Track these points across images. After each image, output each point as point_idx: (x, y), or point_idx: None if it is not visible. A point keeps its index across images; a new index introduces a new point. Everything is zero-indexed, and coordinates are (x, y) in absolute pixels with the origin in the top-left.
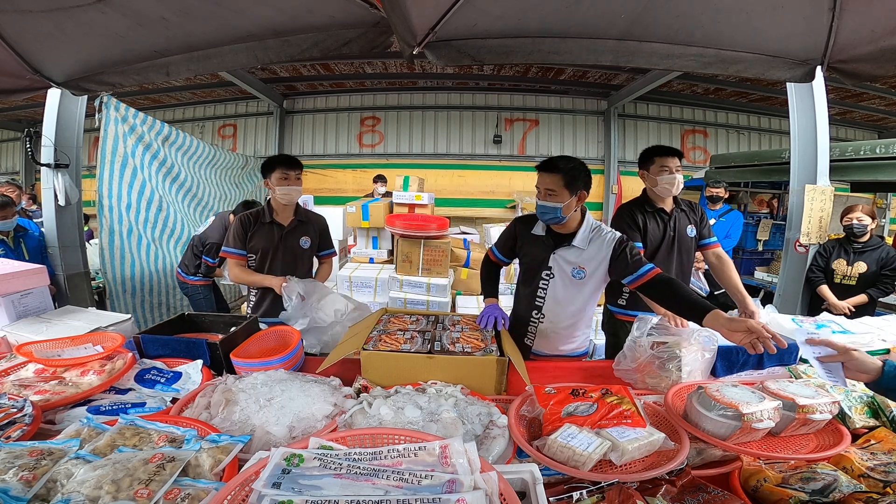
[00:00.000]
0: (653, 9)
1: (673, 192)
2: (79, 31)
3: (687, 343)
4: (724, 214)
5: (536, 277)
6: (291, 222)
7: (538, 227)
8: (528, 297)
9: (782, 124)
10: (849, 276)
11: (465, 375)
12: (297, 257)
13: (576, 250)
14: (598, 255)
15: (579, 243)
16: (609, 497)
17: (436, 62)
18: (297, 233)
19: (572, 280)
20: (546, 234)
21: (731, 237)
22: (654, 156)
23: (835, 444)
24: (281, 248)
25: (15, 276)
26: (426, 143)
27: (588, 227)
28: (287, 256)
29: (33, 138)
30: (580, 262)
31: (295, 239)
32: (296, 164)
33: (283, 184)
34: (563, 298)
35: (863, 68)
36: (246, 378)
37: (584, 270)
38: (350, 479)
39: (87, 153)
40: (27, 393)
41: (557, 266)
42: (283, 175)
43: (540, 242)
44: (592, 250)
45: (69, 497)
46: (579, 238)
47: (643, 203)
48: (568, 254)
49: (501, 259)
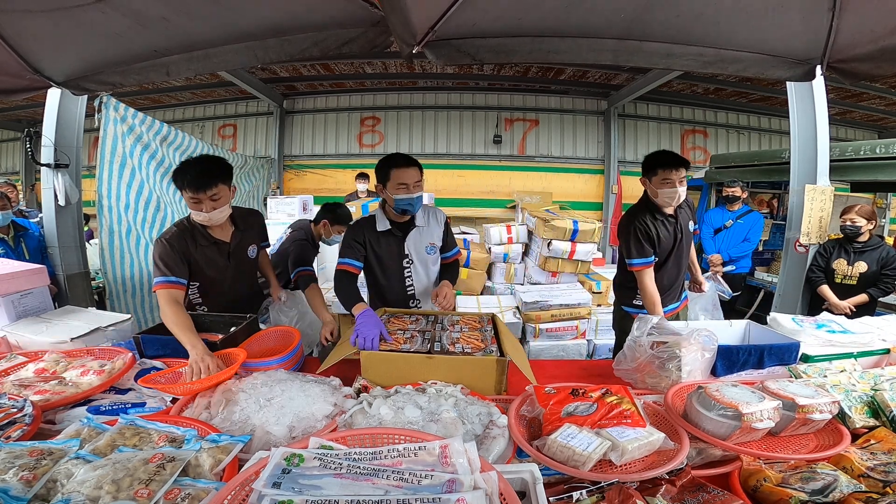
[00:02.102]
0: (653, 8)
1: (673, 205)
2: (79, 31)
3: (687, 343)
4: (743, 216)
5: (399, 269)
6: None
7: (381, 224)
8: (399, 291)
9: (782, 124)
10: (849, 276)
11: (465, 375)
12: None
13: (419, 230)
14: (437, 228)
15: (420, 221)
16: (609, 497)
17: (435, 61)
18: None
19: (427, 258)
20: (392, 226)
21: (750, 240)
22: (658, 167)
23: (835, 443)
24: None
25: (15, 276)
26: (426, 143)
27: (420, 209)
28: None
29: (33, 138)
30: (428, 240)
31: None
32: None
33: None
34: (426, 279)
35: (862, 68)
36: (246, 378)
37: (434, 245)
38: (350, 478)
39: (87, 153)
40: (27, 393)
41: (413, 250)
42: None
43: (390, 235)
44: (432, 226)
45: (69, 497)
46: (418, 218)
47: (652, 211)
48: (416, 236)
49: (357, 266)
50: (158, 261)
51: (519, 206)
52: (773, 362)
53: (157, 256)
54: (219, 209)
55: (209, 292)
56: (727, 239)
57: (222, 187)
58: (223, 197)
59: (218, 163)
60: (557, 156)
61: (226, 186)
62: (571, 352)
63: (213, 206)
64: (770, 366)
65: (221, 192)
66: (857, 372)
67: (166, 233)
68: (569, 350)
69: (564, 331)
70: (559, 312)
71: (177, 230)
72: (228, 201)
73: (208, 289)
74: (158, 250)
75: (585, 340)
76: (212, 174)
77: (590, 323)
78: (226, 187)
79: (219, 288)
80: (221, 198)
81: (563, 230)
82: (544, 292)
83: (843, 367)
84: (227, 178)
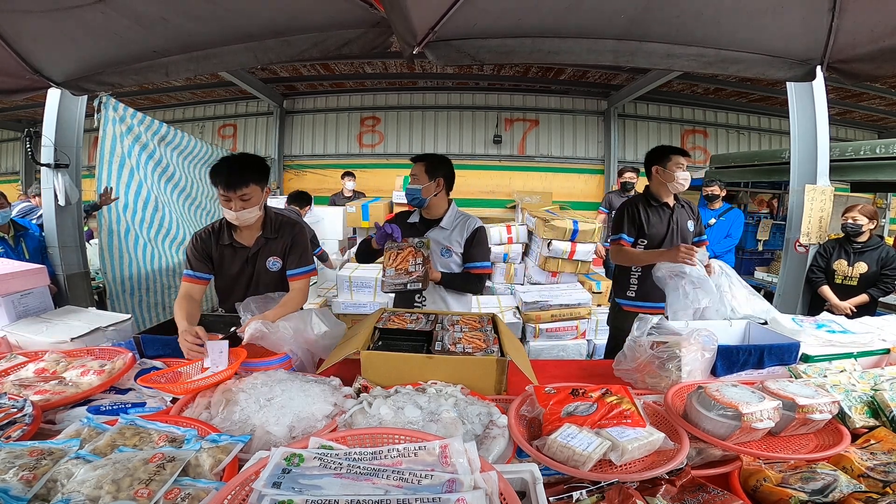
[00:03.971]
0: (653, 8)
1: (686, 186)
2: (79, 31)
3: (687, 343)
4: (724, 213)
5: None
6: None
7: (414, 216)
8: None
9: (782, 124)
10: (850, 277)
11: (465, 375)
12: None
13: (441, 230)
14: (460, 236)
15: (446, 224)
16: (609, 497)
17: (436, 62)
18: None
19: (440, 259)
20: (419, 221)
21: (732, 236)
22: (671, 153)
23: (835, 443)
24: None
25: (15, 276)
26: (426, 143)
27: (455, 213)
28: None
29: (33, 138)
30: (446, 242)
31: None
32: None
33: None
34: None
35: (863, 68)
36: (246, 378)
37: (451, 250)
38: (350, 478)
39: (87, 153)
40: (27, 393)
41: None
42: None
43: (414, 228)
44: (456, 232)
45: (69, 497)
46: (446, 220)
47: (647, 198)
48: (436, 234)
49: (379, 243)
50: (187, 253)
51: (519, 206)
52: (773, 362)
53: (187, 249)
54: (248, 209)
55: (223, 295)
56: (710, 237)
57: (254, 188)
58: (254, 197)
59: (253, 162)
60: (557, 156)
61: (258, 187)
62: (571, 352)
63: (242, 206)
64: (770, 366)
65: (252, 192)
66: (857, 372)
67: (202, 228)
68: (569, 350)
69: (564, 331)
70: (559, 312)
71: (210, 227)
72: (259, 203)
73: (222, 291)
74: (188, 244)
75: (585, 340)
76: (244, 174)
77: (590, 323)
78: (258, 188)
79: (232, 293)
80: (252, 198)
81: (563, 230)
82: (544, 292)
83: (843, 367)
84: (260, 179)
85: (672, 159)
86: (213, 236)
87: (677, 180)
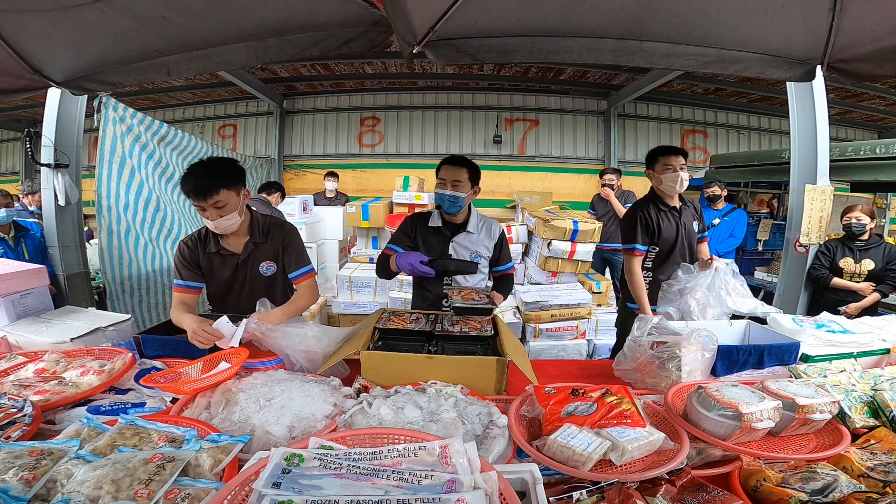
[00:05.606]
0: (653, 8)
1: (678, 189)
2: (79, 31)
3: (687, 343)
4: (728, 214)
5: None
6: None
7: (434, 220)
8: (438, 287)
9: (782, 124)
10: (858, 274)
11: (465, 375)
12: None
13: (469, 235)
14: (489, 240)
15: (472, 228)
16: (609, 497)
17: (436, 61)
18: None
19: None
20: (443, 224)
21: (735, 236)
22: (659, 155)
23: (835, 443)
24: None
25: (15, 276)
26: (426, 143)
27: (477, 217)
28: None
29: (33, 138)
30: (475, 247)
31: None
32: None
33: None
34: (464, 282)
35: (863, 68)
36: (246, 378)
37: (479, 254)
38: (350, 478)
39: (87, 153)
40: (27, 393)
41: (456, 253)
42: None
43: (439, 232)
44: (483, 235)
45: (69, 497)
46: (472, 224)
47: (656, 201)
48: (464, 239)
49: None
50: (175, 262)
51: (519, 206)
52: (773, 362)
53: (174, 258)
54: (225, 216)
55: (216, 302)
56: (713, 237)
57: (227, 193)
58: (229, 203)
59: (221, 166)
60: (557, 156)
61: (231, 192)
62: (571, 352)
63: (218, 214)
64: (770, 366)
65: (226, 198)
66: (857, 372)
67: (188, 236)
68: (569, 350)
69: (564, 331)
70: (559, 312)
71: (195, 234)
72: (237, 208)
73: (215, 298)
74: (175, 253)
75: (585, 340)
76: (213, 180)
77: (590, 323)
78: (231, 193)
79: (225, 301)
80: (227, 204)
81: (563, 230)
82: (544, 292)
83: (843, 367)
84: (232, 184)
85: (660, 161)
86: (200, 244)
87: (665, 182)
